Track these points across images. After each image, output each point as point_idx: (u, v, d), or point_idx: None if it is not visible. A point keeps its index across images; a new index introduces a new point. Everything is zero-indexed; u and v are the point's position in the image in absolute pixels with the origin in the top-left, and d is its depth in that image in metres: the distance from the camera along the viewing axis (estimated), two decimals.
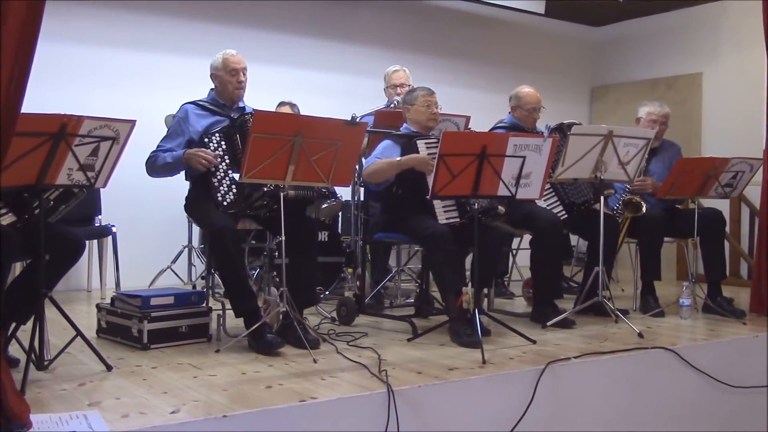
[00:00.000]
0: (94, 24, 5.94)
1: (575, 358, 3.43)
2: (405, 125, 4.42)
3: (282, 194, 3.55)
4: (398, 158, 4.11)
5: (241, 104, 4.10)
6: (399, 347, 3.70)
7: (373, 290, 5.04)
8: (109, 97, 5.77)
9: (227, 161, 3.84)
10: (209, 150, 3.81)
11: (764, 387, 4.05)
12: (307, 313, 4.20)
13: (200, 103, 4.02)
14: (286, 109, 5.62)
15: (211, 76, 4.04)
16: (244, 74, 4.02)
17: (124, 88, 5.99)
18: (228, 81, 3.98)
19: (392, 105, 5.09)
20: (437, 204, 4.09)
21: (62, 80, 5.70)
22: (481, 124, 4.98)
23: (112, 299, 3.88)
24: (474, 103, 6.50)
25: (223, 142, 3.87)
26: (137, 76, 6.10)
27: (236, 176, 3.76)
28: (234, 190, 3.81)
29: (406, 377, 3.03)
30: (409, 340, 3.86)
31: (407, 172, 4.08)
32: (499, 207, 4.14)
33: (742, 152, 4.89)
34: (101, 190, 5.03)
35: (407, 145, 4.19)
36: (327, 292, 5.28)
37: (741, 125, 7.12)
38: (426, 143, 4.18)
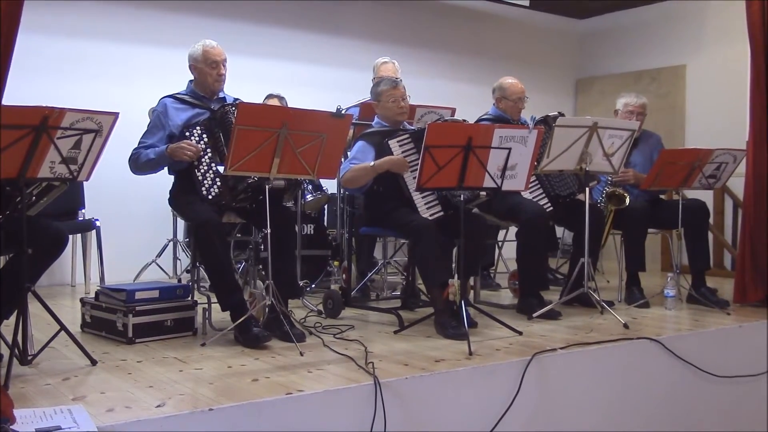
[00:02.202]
0: (74, 15, 5.87)
1: (561, 349, 3.45)
2: (376, 119, 4.38)
3: (267, 186, 3.53)
4: (372, 163, 4.07)
5: (221, 95, 4.07)
6: (385, 339, 3.70)
7: (360, 283, 5.04)
8: (90, 90, 5.74)
9: (210, 154, 3.82)
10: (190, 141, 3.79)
11: (748, 376, 4.08)
12: (293, 307, 4.19)
13: (179, 96, 3.98)
14: (274, 102, 5.59)
15: (190, 67, 3.99)
16: (224, 66, 3.97)
17: (106, 80, 5.95)
18: (208, 73, 3.93)
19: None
20: (419, 201, 4.07)
21: (43, 72, 5.65)
22: (466, 116, 4.96)
23: (97, 293, 3.85)
24: (460, 96, 6.50)
25: (204, 135, 3.84)
26: (119, 68, 6.05)
27: (220, 169, 3.75)
28: (218, 183, 3.79)
29: (392, 369, 3.03)
30: (395, 332, 3.86)
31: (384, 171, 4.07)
32: (482, 194, 4.14)
33: (725, 143, 4.91)
34: (84, 183, 5.03)
35: (380, 144, 4.14)
36: (313, 285, 5.27)
37: (724, 117, 7.15)
38: (399, 142, 4.12)
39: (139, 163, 3.85)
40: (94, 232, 5.45)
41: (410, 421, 2.88)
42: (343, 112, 3.91)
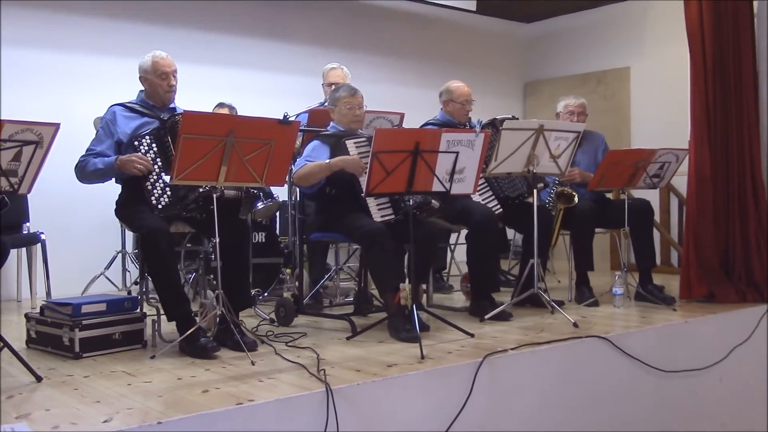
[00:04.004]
0: (12, 24, 5.74)
1: (512, 349, 3.48)
2: (332, 124, 4.40)
3: (215, 195, 3.50)
4: (328, 160, 4.08)
5: (172, 105, 4.03)
6: (338, 346, 3.69)
7: (312, 290, 5.02)
8: (31, 100, 5.62)
9: (159, 164, 3.77)
10: (140, 154, 3.73)
11: (695, 370, 4.17)
12: (245, 316, 4.16)
13: (129, 105, 3.94)
14: (225, 111, 5.55)
15: (140, 78, 3.95)
16: (175, 77, 3.94)
17: (51, 90, 5.83)
18: (158, 84, 3.90)
19: (327, 103, 5.08)
20: (371, 202, 4.08)
21: None
22: (415, 120, 5.00)
23: (42, 308, 3.77)
24: (408, 100, 6.52)
25: (154, 145, 3.80)
26: (64, 78, 5.94)
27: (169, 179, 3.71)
28: (168, 193, 3.75)
29: (345, 376, 3.03)
30: (348, 338, 3.86)
31: (339, 171, 4.06)
32: (433, 201, 4.17)
33: (669, 143, 5.02)
34: (29, 196, 4.92)
35: (336, 144, 4.16)
36: (265, 294, 5.23)
37: (667, 117, 7.32)
38: (355, 143, 4.15)
39: (86, 172, 3.80)
40: (39, 245, 5.33)
41: (363, 427, 2.88)
42: (290, 119, 3.91)
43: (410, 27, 8.02)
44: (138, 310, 3.80)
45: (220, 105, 5.65)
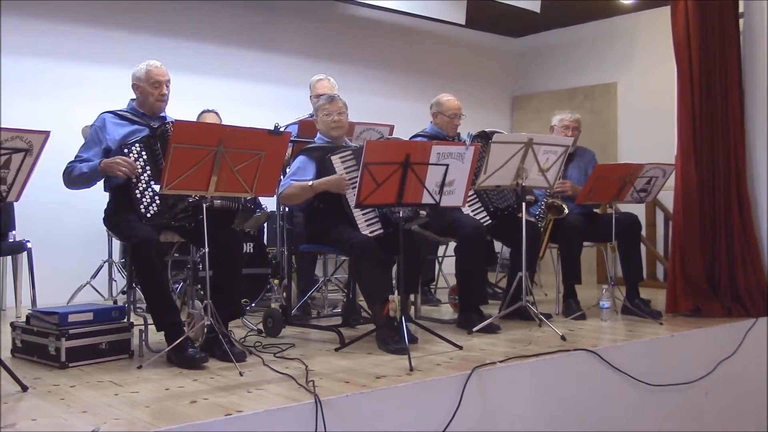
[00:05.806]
0: (10, 33, 5.72)
1: (501, 362, 3.48)
2: (318, 135, 4.42)
3: (205, 204, 3.49)
4: (311, 183, 4.09)
5: (162, 114, 4.03)
6: (326, 357, 3.69)
7: (300, 301, 5.01)
8: (21, 108, 5.58)
9: (149, 172, 3.76)
10: (125, 156, 3.72)
11: (680, 384, 4.19)
12: (233, 326, 4.14)
13: (119, 112, 3.93)
14: (211, 116, 5.55)
15: (133, 86, 3.95)
16: (167, 87, 3.94)
17: (41, 98, 5.81)
18: (150, 92, 3.90)
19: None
20: (359, 218, 4.08)
21: None
22: (404, 132, 5.02)
23: (28, 317, 3.74)
24: (397, 112, 6.53)
25: (143, 153, 3.78)
26: (55, 86, 5.92)
27: (158, 187, 3.70)
28: (157, 201, 3.73)
29: (333, 387, 3.02)
30: (336, 349, 3.85)
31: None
32: (421, 212, 4.18)
33: (655, 158, 5.06)
34: (15, 204, 4.89)
35: (322, 158, 4.17)
36: (253, 304, 5.21)
37: (654, 132, 7.37)
38: (341, 158, 4.14)
39: (72, 177, 3.79)
40: (24, 254, 5.29)
41: None
42: (281, 129, 3.90)
43: (399, 39, 8.05)
44: (125, 320, 3.78)
45: (206, 111, 5.64)
